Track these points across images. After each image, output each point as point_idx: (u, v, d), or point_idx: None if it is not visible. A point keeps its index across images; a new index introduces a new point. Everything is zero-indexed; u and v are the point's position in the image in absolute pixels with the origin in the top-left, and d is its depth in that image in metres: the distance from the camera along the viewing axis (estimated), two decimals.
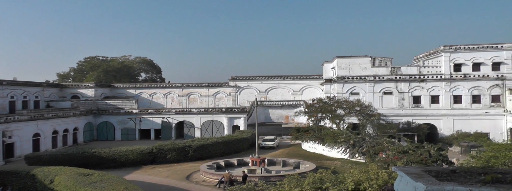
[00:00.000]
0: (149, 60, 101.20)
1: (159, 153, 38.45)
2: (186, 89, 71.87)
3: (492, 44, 51.15)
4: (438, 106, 52.02)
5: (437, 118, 51.56)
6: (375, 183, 12.66)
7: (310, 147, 46.00)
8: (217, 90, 71.18)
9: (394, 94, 52.86)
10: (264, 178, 28.43)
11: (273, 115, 66.12)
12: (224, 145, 43.28)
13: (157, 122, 60.20)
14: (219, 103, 70.41)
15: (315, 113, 48.27)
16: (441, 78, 51.81)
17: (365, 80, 53.10)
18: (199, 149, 40.29)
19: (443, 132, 50.97)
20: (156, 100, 72.02)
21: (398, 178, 5.09)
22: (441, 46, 52.25)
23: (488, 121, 50.14)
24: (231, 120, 59.19)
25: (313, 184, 13.81)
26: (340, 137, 39.85)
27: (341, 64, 54.41)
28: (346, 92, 53.44)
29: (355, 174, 13.99)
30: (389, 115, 50.83)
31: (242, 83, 70.32)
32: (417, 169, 5.21)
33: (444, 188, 3.96)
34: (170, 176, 32.56)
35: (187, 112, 60.49)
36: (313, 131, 47.61)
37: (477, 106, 51.23)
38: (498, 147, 17.60)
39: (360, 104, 48.03)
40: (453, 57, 51.69)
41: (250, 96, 67.96)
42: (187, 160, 39.22)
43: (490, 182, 4.29)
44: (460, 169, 5.24)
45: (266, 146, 48.31)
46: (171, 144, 39.70)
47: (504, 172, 4.83)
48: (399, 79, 52.66)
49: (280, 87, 69.74)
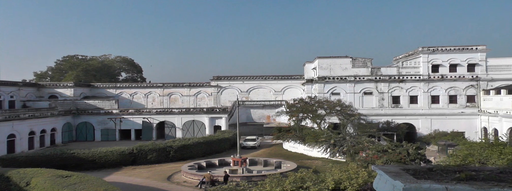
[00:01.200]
0: (129, 59, 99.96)
1: (139, 154, 38.05)
2: (167, 89, 71.30)
3: (467, 46, 52.48)
4: (416, 106, 53.07)
5: (415, 117, 52.58)
6: (355, 182, 12.86)
7: (291, 147, 46.26)
8: (198, 90, 70.86)
9: (374, 94, 53.64)
10: (246, 178, 28.43)
11: (255, 115, 66.22)
12: (205, 145, 43.14)
13: (137, 123, 59.55)
14: (200, 103, 70.10)
15: (297, 113, 48.59)
16: (419, 78, 52.84)
17: (345, 80, 53.71)
18: (180, 149, 40.05)
19: (421, 131, 52.01)
20: (137, 100, 71.22)
21: (377, 177, 5.18)
22: (420, 47, 53.30)
23: (463, 121, 51.43)
24: (213, 120, 59.03)
25: (294, 183, 13.93)
26: (321, 137, 40.20)
27: (322, 65, 54.89)
28: (327, 92, 53.95)
29: (335, 173, 14.17)
30: (369, 115, 51.58)
31: (223, 83, 70.19)
32: (395, 168, 5.31)
33: (421, 186, 4.06)
34: (151, 177, 32.26)
35: (168, 112, 60.03)
36: (294, 131, 47.89)
37: (453, 106, 52.48)
38: (473, 146, 18.10)
39: (340, 104, 48.60)
40: (431, 58, 52.77)
41: (231, 96, 67.90)
42: (168, 160, 38.93)
43: (464, 179, 4.42)
44: (436, 167, 5.38)
45: (248, 146, 48.35)
46: (152, 145, 39.34)
47: (478, 169, 4.99)
48: (379, 79, 53.46)
49: (262, 87, 69.89)
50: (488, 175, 4.52)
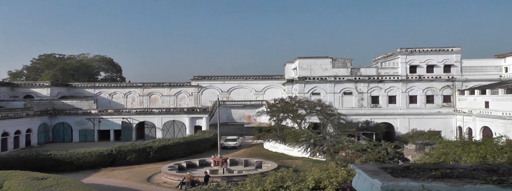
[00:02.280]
0: (109, 58, 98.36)
1: (119, 155, 37.51)
2: (147, 88, 70.51)
3: (443, 47, 53.73)
4: (395, 106, 53.99)
5: (394, 117, 53.48)
6: (335, 180, 13.01)
7: (272, 147, 46.41)
8: (179, 90, 70.33)
9: (354, 94, 54.30)
10: (226, 178, 28.42)
11: (235, 115, 66.16)
12: (186, 145, 42.86)
13: (117, 123, 58.67)
14: (181, 103, 69.59)
15: (277, 113, 48.77)
16: (398, 79, 53.76)
17: (326, 81, 54.21)
18: (160, 150, 39.68)
19: (399, 130, 52.94)
20: (116, 100, 70.19)
21: (356, 175, 5.26)
22: (398, 48, 54.24)
23: (440, 120, 52.61)
24: (193, 120, 58.70)
25: (274, 183, 13.99)
26: (301, 137, 40.47)
27: (303, 65, 55.26)
28: (308, 92, 54.33)
29: (315, 172, 14.30)
30: (349, 114, 52.19)
31: (204, 83, 69.88)
32: (374, 167, 5.40)
33: (398, 184, 4.15)
34: (130, 178, 31.85)
35: (148, 113, 59.41)
36: (275, 130, 48.06)
37: (430, 106, 53.61)
38: (449, 145, 18.56)
39: (321, 104, 49.01)
40: (409, 59, 53.77)
41: (212, 96, 67.64)
42: (148, 161, 38.50)
43: (440, 177, 4.52)
44: (413, 166, 5.49)
45: (228, 146, 48.27)
46: (131, 145, 38.85)
47: (452, 167, 5.12)
48: (359, 79, 54.15)
49: (243, 87, 69.87)
50: (462, 173, 4.65)
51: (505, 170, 4.90)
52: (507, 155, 13.51)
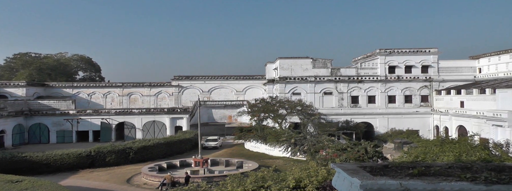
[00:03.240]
0: (87, 58, 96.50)
1: (98, 156, 36.89)
2: (127, 88, 69.56)
3: (421, 48, 54.86)
4: (374, 106, 54.79)
5: (373, 117, 54.27)
6: (315, 179, 13.14)
7: (253, 147, 46.47)
8: (159, 90, 69.65)
9: (334, 94, 54.85)
10: (207, 179, 28.33)
11: (216, 115, 65.96)
12: (166, 146, 42.52)
13: (96, 124, 57.68)
14: (161, 103, 68.93)
15: (258, 112, 48.85)
16: (377, 79, 54.57)
17: (306, 81, 54.58)
18: (140, 150, 39.24)
19: (379, 130, 53.76)
20: (95, 100, 68.99)
21: (336, 174, 5.32)
22: (377, 49, 55.06)
23: (418, 119, 53.67)
24: (174, 121, 58.25)
25: (255, 183, 14.03)
26: (282, 136, 40.65)
27: (284, 65, 55.50)
28: (288, 92, 54.61)
29: (296, 171, 14.40)
30: (329, 114, 52.69)
31: (185, 82, 69.41)
32: (353, 165, 5.47)
33: (377, 182, 4.21)
34: (110, 180, 31.38)
35: (128, 113, 58.63)
36: (256, 130, 48.13)
37: (409, 105, 54.64)
38: (426, 143, 18.99)
39: (301, 104, 49.32)
40: (388, 59, 54.66)
41: (193, 96, 67.22)
42: (128, 162, 38.01)
43: (417, 175, 4.61)
44: (392, 164, 5.58)
45: (209, 147, 48.11)
46: (111, 146, 38.28)
47: (429, 165, 5.24)
48: (339, 80, 54.73)
49: (224, 87, 69.70)
50: (438, 171, 4.77)
51: (478, 167, 5.05)
52: (479, 154, 13.96)
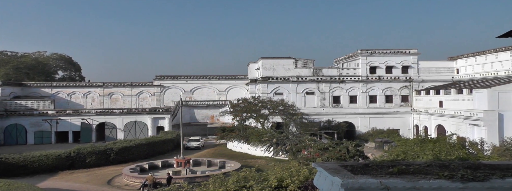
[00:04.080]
0: (67, 57, 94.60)
1: (77, 157, 36.24)
2: (107, 88, 68.55)
3: (401, 49, 55.80)
4: (356, 106, 55.42)
5: (355, 116, 54.88)
6: (297, 179, 13.20)
7: (235, 147, 46.45)
8: (140, 89, 68.89)
9: (316, 94, 55.25)
10: (189, 179, 28.22)
11: (199, 115, 65.66)
12: (148, 146, 42.12)
13: (76, 124, 56.68)
14: (142, 103, 68.19)
15: (240, 112, 48.83)
16: (358, 79, 55.21)
17: (288, 81, 54.83)
18: (121, 151, 38.76)
19: (360, 129, 54.39)
20: (75, 100, 67.74)
21: (317, 174, 5.35)
22: (359, 50, 55.72)
23: (398, 119, 54.52)
24: (156, 121, 57.75)
25: (237, 183, 14.02)
26: (264, 136, 40.70)
27: (266, 65, 55.63)
28: (271, 92, 54.76)
29: (278, 171, 14.45)
30: (311, 114, 53.05)
31: (167, 82, 68.85)
32: (334, 165, 5.51)
33: (358, 181, 4.25)
34: (90, 181, 30.89)
35: (109, 113, 57.82)
36: (238, 130, 48.11)
37: (389, 105, 55.46)
38: (406, 142, 19.33)
39: (283, 103, 49.53)
40: (369, 60, 55.38)
41: (175, 96, 66.70)
42: (108, 163, 37.46)
43: (397, 173, 4.68)
44: (372, 163, 5.64)
45: (192, 147, 47.87)
46: (91, 147, 37.67)
47: (409, 164, 5.32)
48: (321, 80, 55.15)
49: (206, 87, 69.42)
50: (417, 169, 4.85)
51: (456, 165, 5.16)
52: (456, 152, 14.32)
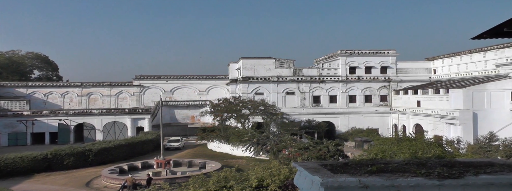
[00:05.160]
0: (43, 56, 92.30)
1: (55, 159, 35.45)
2: (86, 88, 67.32)
3: (380, 50, 56.70)
4: (335, 105, 55.99)
5: (335, 116, 55.43)
6: (277, 178, 13.26)
7: (216, 147, 46.31)
8: (120, 89, 67.92)
9: (296, 94, 55.57)
10: (169, 180, 27.98)
11: (179, 115, 65.18)
12: (127, 147, 41.59)
13: (53, 125, 55.43)
14: (122, 104, 67.22)
15: (221, 112, 48.72)
16: (338, 79, 55.79)
17: (269, 81, 54.98)
18: (100, 152, 38.14)
19: (340, 128, 54.97)
20: (52, 100, 66.24)
21: (298, 173, 5.38)
22: (338, 50, 56.32)
23: (377, 118, 55.35)
24: (135, 121, 57.04)
25: (218, 183, 13.99)
26: (245, 136, 40.67)
27: (246, 65, 55.65)
28: (251, 92, 54.80)
29: (258, 171, 14.48)
30: (291, 114, 53.32)
31: (146, 82, 68.11)
32: (314, 164, 5.54)
33: (337, 179, 4.29)
34: (68, 183, 30.27)
35: (88, 113, 56.80)
36: (219, 130, 47.99)
37: (369, 105, 56.26)
38: (385, 141, 19.65)
39: (264, 103, 49.64)
40: (349, 60, 56.04)
41: (155, 96, 65.99)
42: (87, 165, 36.82)
43: (376, 172, 4.74)
44: (352, 162, 5.69)
45: (172, 147, 47.51)
46: (69, 149, 36.93)
47: (387, 162, 5.40)
48: (301, 80, 55.50)
49: (186, 87, 68.98)
50: (395, 167, 4.93)
51: (432, 163, 5.27)
52: (433, 150, 14.66)
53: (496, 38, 5.33)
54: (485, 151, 27.89)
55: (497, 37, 5.29)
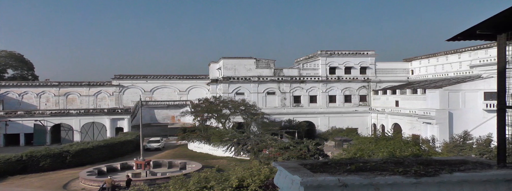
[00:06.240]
0: (18, 54, 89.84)
1: (30, 161, 34.52)
2: (63, 88, 65.89)
3: (360, 51, 57.50)
4: (316, 105, 56.46)
5: (315, 116, 55.89)
6: (258, 178, 13.27)
7: (196, 147, 46.08)
8: (98, 89, 66.76)
9: (277, 94, 55.79)
10: (149, 181, 27.72)
11: (159, 116, 64.56)
12: (106, 148, 40.98)
13: (28, 126, 54.04)
14: (101, 104, 66.11)
15: (202, 113, 48.53)
16: (318, 79, 56.28)
17: (250, 81, 55.03)
18: (78, 154, 37.43)
19: (320, 128, 55.46)
20: (28, 100, 64.59)
21: (278, 172, 5.39)
22: (319, 51, 56.83)
23: (357, 118, 56.08)
24: (114, 122, 56.19)
25: (198, 183, 13.93)
26: (225, 136, 40.64)
27: (227, 65, 55.56)
28: (232, 92, 54.74)
29: (239, 171, 14.47)
30: (272, 113, 53.50)
31: (126, 82, 67.18)
32: (294, 163, 5.56)
33: (317, 179, 4.32)
34: (44, 186, 29.57)
35: (65, 114, 55.62)
36: (199, 131, 47.78)
37: (348, 104, 56.96)
38: (363, 141, 19.95)
39: (245, 103, 49.67)
40: (329, 61, 56.61)
41: (134, 96, 65.12)
42: (64, 167, 36.04)
43: (354, 170, 4.81)
44: (331, 161, 5.73)
45: (152, 148, 47.02)
46: (45, 150, 36.09)
47: (366, 161, 5.48)
48: (282, 80, 55.75)
49: (166, 86, 68.37)
50: (374, 166, 5.00)
51: (410, 162, 5.37)
52: (411, 149, 14.97)
53: (470, 40, 5.47)
54: (459, 149, 28.61)
55: (470, 39, 5.43)
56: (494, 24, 4.81)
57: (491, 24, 4.81)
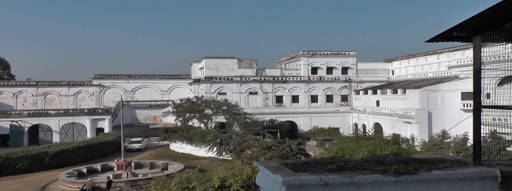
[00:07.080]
0: None
1: (6, 163, 33.63)
2: (42, 88, 64.45)
3: (341, 51, 58.08)
4: (298, 105, 56.78)
5: (297, 115, 56.20)
6: (240, 178, 13.30)
7: (178, 148, 45.80)
8: (78, 89, 65.58)
9: (259, 94, 55.88)
10: (131, 183, 27.42)
11: (140, 116, 63.88)
12: (86, 149, 40.32)
13: (4, 127, 52.69)
14: (81, 104, 64.97)
15: (184, 113, 48.26)
16: (300, 80, 56.61)
17: (232, 81, 54.97)
18: (57, 155, 36.68)
19: (302, 128, 55.79)
20: (3, 100, 62.95)
21: (260, 172, 5.40)
22: (301, 51, 57.17)
23: (339, 118, 56.63)
24: (95, 122, 55.31)
25: (180, 184, 13.87)
26: (208, 136, 40.53)
27: (209, 65, 55.37)
28: (214, 92, 54.58)
29: (221, 171, 14.47)
30: (254, 113, 53.57)
31: (106, 82, 66.20)
32: (276, 163, 5.59)
33: (298, 178, 4.35)
34: (21, 188, 28.87)
35: (43, 114, 54.43)
36: (181, 131, 47.50)
37: (330, 104, 57.47)
38: (345, 140, 20.19)
39: (227, 103, 49.61)
40: (311, 61, 57.00)
41: (115, 96, 64.21)
42: (43, 168, 35.23)
43: (336, 169, 4.86)
44: (313, 161, 5.77)
45: (133, 149, 46.49)
46: (22, 152, 35.23)
47: (347, 160, 5.56)
48: (264, 80, 55.87)
49: (148, 86, 67.68)
50: (355, 165, 5.07)
51: (390, 160, 5.47)
52: (391, 148, 15.23)
53: (447, 42, 5.61)
54: (438, 148, 29.16)
55: (448, 41, 5.56)
56: (469, 27, 4.95)
57: (467, 26, 4.94)
